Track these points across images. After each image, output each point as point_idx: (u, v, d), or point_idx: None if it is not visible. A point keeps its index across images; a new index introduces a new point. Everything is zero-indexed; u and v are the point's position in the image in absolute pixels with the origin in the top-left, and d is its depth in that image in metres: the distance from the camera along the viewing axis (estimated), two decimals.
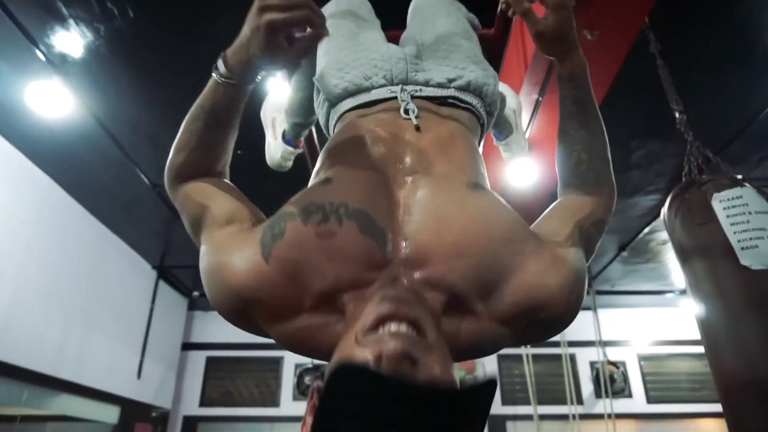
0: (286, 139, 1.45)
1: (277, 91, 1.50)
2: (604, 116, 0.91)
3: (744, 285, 1.44)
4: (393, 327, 0.60)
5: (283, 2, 0.71)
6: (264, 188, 3.86)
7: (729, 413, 1.44)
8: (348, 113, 1.01)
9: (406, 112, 0.91)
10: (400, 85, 0.97)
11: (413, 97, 0.95)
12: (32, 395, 3.71)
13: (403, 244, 0.73)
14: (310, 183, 0.87)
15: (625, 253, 4.61)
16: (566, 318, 0.76)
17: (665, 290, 5.58)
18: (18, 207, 3.38)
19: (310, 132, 1.35)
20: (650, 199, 3.80)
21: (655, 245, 4.53)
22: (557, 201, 0.90)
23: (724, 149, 3.04)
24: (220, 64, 0.78)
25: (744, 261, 1.45)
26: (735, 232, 1.48)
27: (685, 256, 1.60)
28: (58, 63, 2.52)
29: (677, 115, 1.88)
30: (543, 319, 0.74)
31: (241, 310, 0.73)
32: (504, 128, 1.51)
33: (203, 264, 0.78)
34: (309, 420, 0.61)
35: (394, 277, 0.70)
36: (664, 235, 4.12)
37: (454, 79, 1.01)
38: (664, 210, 1.71)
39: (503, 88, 1.46)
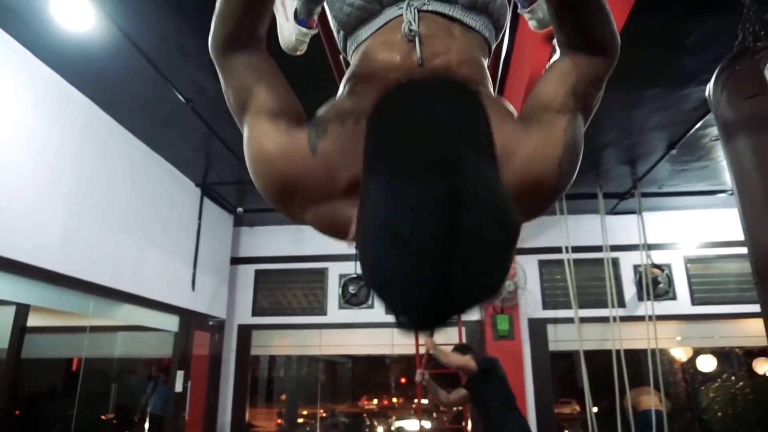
0: (299, 18, 1.35)
1: None
2: None
3: None
4: None
5: None
6: None
7: (762, 289, 1.41)
8: (365, 42, 1.03)
9: (411, 35, 0.94)
10: (407, 1, 0.97)
11: (420, 11, 0.97)
12: (98, 305, 4.01)
13: None
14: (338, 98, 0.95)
15: (674, 152, 4.38)
16: (560, 189, 0.83)
17: (717, 190, 5.34)
18: (61, 127, 3.47)
19: (323, 9, 1.23)
20: (703, 90, 3.52)
21: (709, 141, 4.27)
22: (552, 63, 0.89)
23: None
24: None
25: None
26: None
27: (728, 132, 1.50)
28: None
29: None
30: (537, 194, 0.81)
31: (286, 196, 0.83)
32: None
33: (251, 151, 0.84)
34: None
35: None
36: None
37: None
38: (710, 84, 1.58)
39: None
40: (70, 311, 3.95)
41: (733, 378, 6.01)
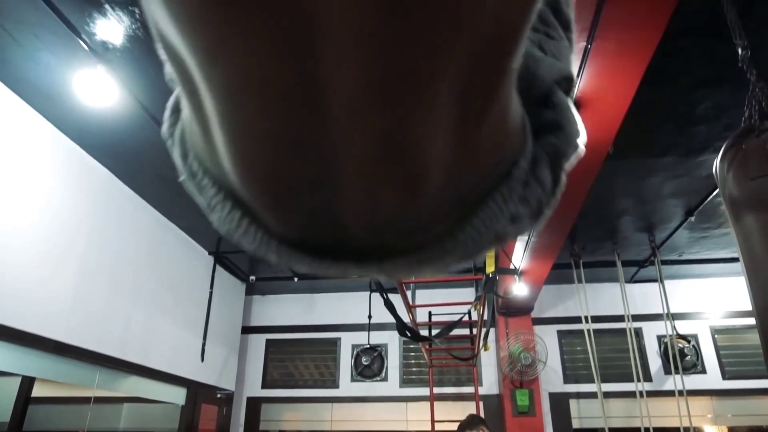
0: None
1: None
2: (660, 65, 0.82)
3: None
4: None
5: None
6: None
7: None
8: None
9: None
10: None
11: None
12: (104, 377, 3.91)
13: None
14: None
15: (692, 219, 4.30)
16: None
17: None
18: (79, 198, 3.54)
19: None
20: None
21: None
22: None
23: None
24: None
25: None
26: None
27: (736, 211, 1.45)
28: (101, 51, 2.59)
29: (740, 51, 1.68)
30: None
31: None
32: None
33: None
34: None
35: None
36: None
37: None
38: (717, 161, 1.54)
39: None
40: (76, 383, 3.85)
41: None
